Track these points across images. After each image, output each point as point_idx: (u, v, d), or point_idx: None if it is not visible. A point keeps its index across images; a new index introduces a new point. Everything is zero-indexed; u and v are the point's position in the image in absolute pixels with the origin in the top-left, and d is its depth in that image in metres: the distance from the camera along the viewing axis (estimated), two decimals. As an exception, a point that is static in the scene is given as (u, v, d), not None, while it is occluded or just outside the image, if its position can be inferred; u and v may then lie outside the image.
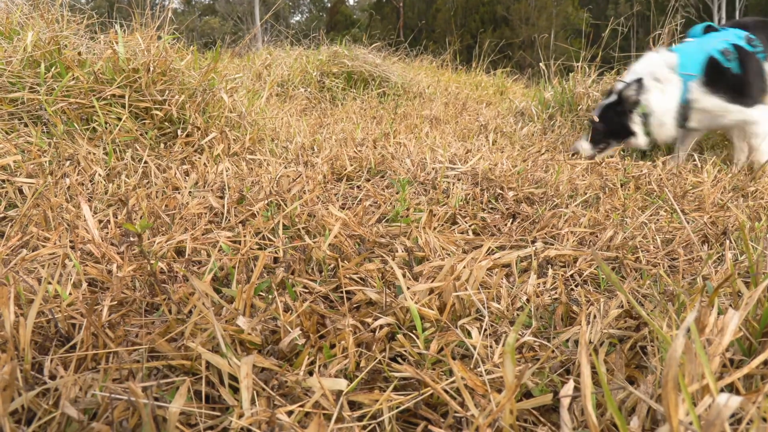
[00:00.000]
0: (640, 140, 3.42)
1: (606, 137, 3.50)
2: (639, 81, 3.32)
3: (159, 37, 3.02)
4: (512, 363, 0.80)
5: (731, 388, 0.91)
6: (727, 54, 3.25)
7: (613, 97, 3.47)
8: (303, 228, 1.84)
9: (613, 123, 3.44)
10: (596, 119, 3.49)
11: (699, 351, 0.71)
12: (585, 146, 3.48)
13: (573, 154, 3.43)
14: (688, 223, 2.14)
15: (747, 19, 3.64)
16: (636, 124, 3.39)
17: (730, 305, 1.27)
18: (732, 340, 0.91)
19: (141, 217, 1.87)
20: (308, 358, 1.12)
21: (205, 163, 2.51)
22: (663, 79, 3.33)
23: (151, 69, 2.76)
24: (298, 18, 47.96)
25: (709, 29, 3.63)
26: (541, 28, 30.53)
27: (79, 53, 2.78)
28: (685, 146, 3.62)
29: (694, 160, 3.26)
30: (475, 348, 1.16)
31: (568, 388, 0.87)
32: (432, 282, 1.38)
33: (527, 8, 33.26)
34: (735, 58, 3.24)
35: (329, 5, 46.82)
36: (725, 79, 3.25)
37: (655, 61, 3.42)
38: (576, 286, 1.61)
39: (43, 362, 1.07)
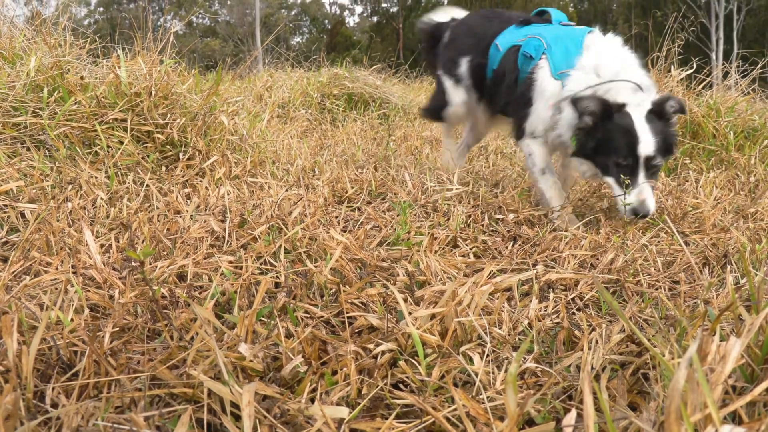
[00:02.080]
0: None
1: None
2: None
3: (161, 61, 3.04)
4: (514, 392, 0.80)
5: (734, 416, 0.91)
6: None
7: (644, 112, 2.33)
8: (304, 252, 1.85)
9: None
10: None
11: (701, 381, 0.71)
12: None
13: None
14: (688, 245, 2.14)
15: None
16: None
17: (732, 330, 1.27)
18: (734, 367, 0.91)
19: (143, 242, 1.87)
20: (310, 386, 1.12)
21: (206, 187, 2.52)
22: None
23: (153, 93, 2.78)
24: (298, 39, 48.39)
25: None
26: (540, 48, 30.71)
27: (82, 78, 2.80)
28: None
29: (687, 179, 3.26)
30: (477, 374, 1.16)
31: (570, 418, 0.87)
32: (433, 307, 1.38)
33: (526, 29, 33.43)
34: None
35: (329, 27, 47.26)
36: None
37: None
38: (577, 310, 1.61)
39: (45, 390, 1.06)
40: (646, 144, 2.23)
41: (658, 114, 2.28)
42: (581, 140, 2.36)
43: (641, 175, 2.27)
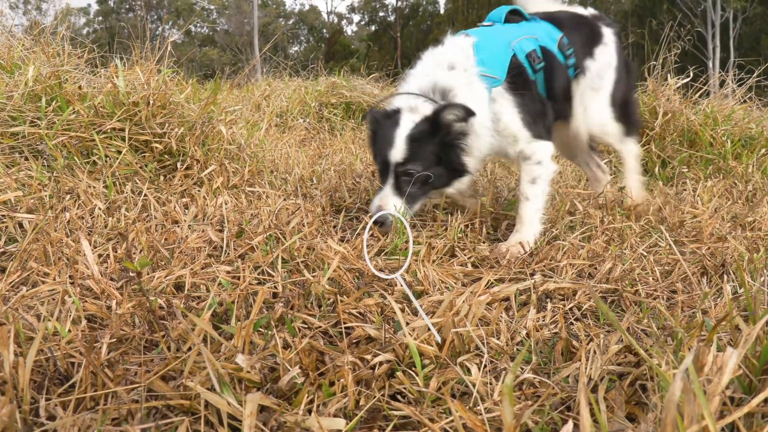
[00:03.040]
0: (466, 179, 2.35)
1: (425, 185, 2.28)
2: (465, 107, 2.14)
3: (159, 71, 3.05)
4: (511, 403, 0.80)
5: (732, 427, 0.91)
6: (534, 60, 2.38)
7: (415, 119, 2.24)
8: (302, 262, 1.85)
9: (435, 162, 2.25)
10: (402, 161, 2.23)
11: (698, 392, 0.71)
12: (395, 205, 2.23)
13: (380, 225, 2.23)
14: (686, 253, 2.14)
15: (563, 15, 2.72)
16: (471, 159, 2.28)
17: (729, 341, 1.27)
18: (731, 378, 0.91)
19: (140, 252, 1.87)
20: (307, 397, 1.11)
21: (204, 196, 2.52)
22: (461, 68, 2.30)
23: (151, 102, 2.79)
24: (296, 48, 48.56)
25: (513, 15, 2.65)
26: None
27: (80, 87, 2.80)
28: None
29: (685, 188, 3.27)
30: (474, 385, 1.15)
31: (567, 429, 0.86)
32: (431, 317, 1.38)
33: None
34: (542, 68, 2.40)
35: (327, 36, 47.43)
36: (530, 93, 2.35)
37: (455, 48, 2.38)
38: (575, 319, 1.61)
39: (42, 402, 1.06)
40: (396, 151, 2.23)
41: (433, 122, 2.20)
42: None
43: (389, 181, 2.28)
